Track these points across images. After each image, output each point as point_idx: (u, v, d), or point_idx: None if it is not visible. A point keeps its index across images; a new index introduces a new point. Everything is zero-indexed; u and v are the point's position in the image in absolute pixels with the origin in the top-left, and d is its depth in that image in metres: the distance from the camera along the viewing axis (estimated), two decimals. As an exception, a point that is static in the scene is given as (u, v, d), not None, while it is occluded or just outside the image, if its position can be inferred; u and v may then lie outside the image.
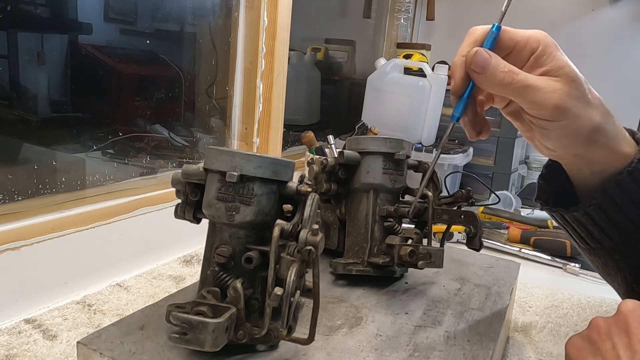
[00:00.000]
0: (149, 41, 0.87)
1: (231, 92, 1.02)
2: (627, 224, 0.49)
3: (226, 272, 0.41)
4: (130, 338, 0.41)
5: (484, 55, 0.43)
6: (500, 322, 0.50)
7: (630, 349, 0.36)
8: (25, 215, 0.66)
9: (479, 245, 0.57)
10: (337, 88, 1.67)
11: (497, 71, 0.43)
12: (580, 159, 0.49)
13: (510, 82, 0.43)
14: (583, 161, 0.49)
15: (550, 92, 0.43)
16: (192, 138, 1.00)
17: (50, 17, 0.73)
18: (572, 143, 0.46)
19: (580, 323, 0.71)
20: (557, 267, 0.95)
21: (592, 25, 1.54)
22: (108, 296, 0.69)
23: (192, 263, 0.83)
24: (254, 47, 0.99)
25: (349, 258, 0.57)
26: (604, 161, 0.48)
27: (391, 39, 1.81)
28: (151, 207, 0.80)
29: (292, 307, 0.38)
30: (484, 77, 0.44)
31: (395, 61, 1.36)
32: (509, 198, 1.28)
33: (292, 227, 0.40)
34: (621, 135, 0.48)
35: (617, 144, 0.47)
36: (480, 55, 0.43)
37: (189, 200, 0.44)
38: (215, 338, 0.35)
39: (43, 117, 0.74)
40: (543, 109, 0.44)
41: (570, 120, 0.44)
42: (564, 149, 0.47)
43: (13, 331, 0.59)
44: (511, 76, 0.43)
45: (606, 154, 0.47)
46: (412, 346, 0.44)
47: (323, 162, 0.56)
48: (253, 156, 0.40)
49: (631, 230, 0.50)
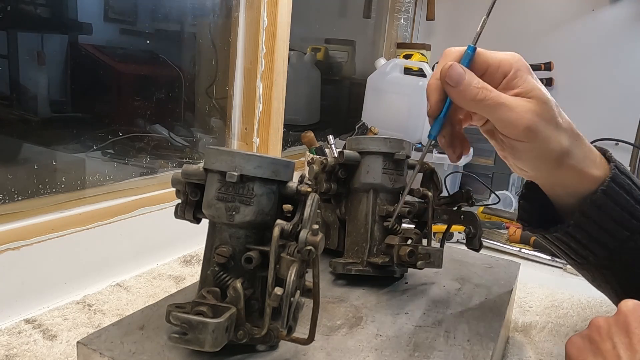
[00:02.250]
0: (149, 41, 0.87)
1: (231, 92, 1.02)
2: (609, 240, 0.50)
3: (226, 272, 0.41)
4: (130, 338, 0.41)
5: (458, 69, 0.44)
6: (500, 322, 0.50)
7: (631, 348, 0.36)
8: (25, 215, 0.66)
9: (478, 246, 0.57)
10: (337, 88, 1.67)
11: (470, 86, 0.44)
12: (552, 180, 0.50)
13: (483, 99, 0.44)
14: (555, 182, 0.50)
15: (522, 112, 0.44)
16: (192, 138, 1.00)
17: (50, 17, 0.73)
18: (542, 165, 0.47)
19: (580, 323, 0.71)
20: (557, 267, 0.95)
21: (592, 25, 1.54)
22: (108, 296, 0.69)
23: (192, 263, 0.83)
24: (254, 47, 0.99)
25: (349, 258, 0.57)
26: (575, 183, 0.49)
27: (391, 39, 1.81)
28: (151, 207, 0.80)
29: (292, 307, 0.38)
30: (458, 92, 0.44)
31: (395, 61, 1.36)
32: (509, 198, 1.28)
33: (292, 227, 0.40)
34: (590, 158, 0.49)
35: (586, 167, 0.48)
36: (454, 69, 0.44)
37: (189, 200, 0.44)
38: (215, 338, 0.35)
39: (43, 117, 0.74)
40: (514, 129, 0.44)
41: (539, 142, 0.45)
42: (534, 170, 0.48)
43: (13, 331, 0.59)
44: (484, 93, 0.44)
45: (575, 176, 0.48)
46: (412, 346, 0.44)
47: (323, 162, 0.56)
48: (253, 156, 0.40)
49: (615, 246, 0.50)
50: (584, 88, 1.53)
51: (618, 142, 1.44)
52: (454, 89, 0.44)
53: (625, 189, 0.49)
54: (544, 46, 1.57)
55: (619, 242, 0.50)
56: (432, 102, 0.47)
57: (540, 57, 1.54)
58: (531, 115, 0.43)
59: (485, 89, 0.44)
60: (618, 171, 0.49)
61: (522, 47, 1.60)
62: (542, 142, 0.45)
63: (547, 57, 1.53)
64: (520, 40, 1.59)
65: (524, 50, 1.83)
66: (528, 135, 0.44)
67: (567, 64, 1.54)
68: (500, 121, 0.44)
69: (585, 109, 1.53)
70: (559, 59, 1.54)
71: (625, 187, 0.49)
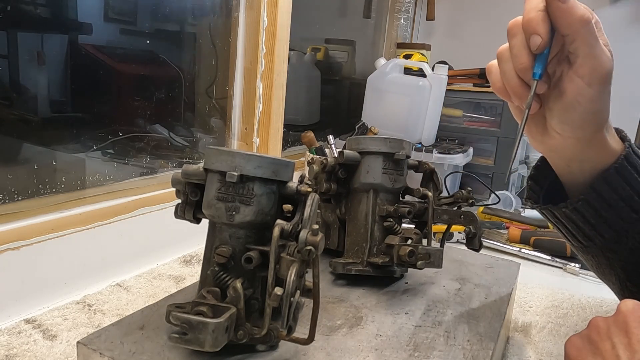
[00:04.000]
0: (149, 41, 0.87)
1: (231, 92, 1.02)
2: (617, 221, 0.50)
3: (226, 272, 0.41)
4: (130, 338, 0.41)
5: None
6: (500, 322, 0.50)
7: (630, 348, 0.36)
8: (25, 215, 0.66)
9: (478, 246, 0.57)
10: (337, 88, 1.67)
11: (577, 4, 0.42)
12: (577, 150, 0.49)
13: (588, 21, 0.42)
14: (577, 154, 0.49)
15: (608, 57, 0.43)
16: (192, 138, 1.00)
17: (50, 17, 0.73)
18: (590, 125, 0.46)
19: (580, 323, 0.71)
20: (557, 267, 0.95)
21: (592, 25, 1.54)
22: (108, 296, 0.69)
23: (192, 263, 0.83)
24: (254, 47, 0.99)
25: (349, 258, 0.57)
26: (594, 156, 0.49)
27: (391, 39, 1.81)
28: (151, 207, 0.80)
29: (292, 307, 0.38)
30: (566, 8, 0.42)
31: (395, 61, 1.36)
32: (509, 198, 1.28)
33: (292, 227, 0.40)
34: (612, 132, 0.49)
35: (610, 139, 0.48)
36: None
37: (189, 200, 0.44)
38: (215, 338, 0.35)
39: (43, 117, 0.74)
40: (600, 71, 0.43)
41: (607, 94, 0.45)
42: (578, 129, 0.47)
43: (13, 331, 0.59)
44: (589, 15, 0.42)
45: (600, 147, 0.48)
46: (412, 346, 0.44)
47: (323, 162, 0.56)
48: (253, 156, 0.40)
49: (622, 227, 0.51)
50: (583, 88, 1.53)
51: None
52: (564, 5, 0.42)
53: (638, 169, 0.49)
54: (544, 46, 1.57)
55: (626, 224, 0.50)
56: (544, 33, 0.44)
57: (540, 57, 1.54)
58: (612, 64, 0.44)
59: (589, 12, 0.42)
60: (632, 151, 0.49)
61: (522, 47, 1.60)
62: (608, 94, 0.45)
63: (547, 57, 1.53)
64: (520, 40, 1.59)
65: (524, 50, 1.77)
66: (607, 81, 0.44)
67: (567, 64, 1.54)
68: (592, 57, 0.43)
69: (585, 109, 1.53)
70: (559, 59, 1.54)
71: (637, 167, 0.49)
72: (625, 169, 0.48)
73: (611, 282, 0.59)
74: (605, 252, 0.54)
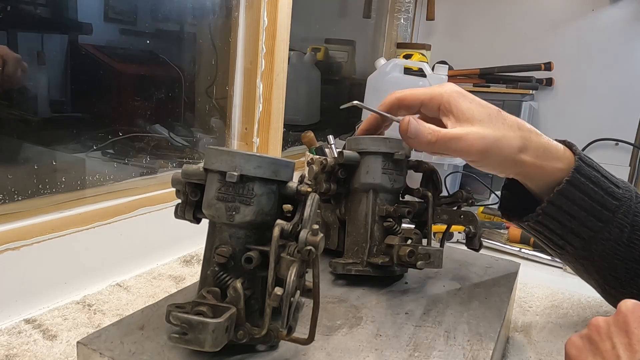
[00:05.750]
0: (149, 41, 0.87)
1: (231, 92, 1.02)
2: (583, 230, 0.52)
3: (226, 272, 0.41)
4: (130, 338, 0.41)
5: (414, 123, 0.51)
6: (500, 322, 0.50)
7: (630, 348, 0.36)
8: (25, 215, 0.66)
9: (478, 246, 0.57)
10: (337, 88, 1.67)
11: (424, 134, 0.50)
12: (520, 177, 0.54)
13: (436, 140, 0.50)
14: (523, 177, 0.54)
15: (471, 139, 0.49)
16: (192, 138, 1.00)
17: (50, 17, 0.73)
18: (503, 168, 0.52)
19: (580, 323, 0.71)
20: (557, 267, 0.95)
21: (592, 25, 1.54)
22: (108, 296, 0.69)
23: (192, 263, 0.83)
24: (254, 47, 0.99)
25: (349, 258, 0.57)
26: (539, 177, 0.52)
27: (391, 39, 1.81)
28: (151, 207, 0.80)
29: (292, 307, 0.38)
30: (416, 141, 0.51)
31: (395, 61, 1.36)
32: (509, 198, 1.28)
33: (292, 227, 0.40)
34: (550, 151, 0.52)
35: (546, 161, 0.51)
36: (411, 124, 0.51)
37: (189, 200, 0.44)
38: (215, 338, 0.35)
39: (43, 117, 0.74)
40: (470, 156, 0.50)
41: (493, 157, 0.50)
42: (499, 173, 0.54)
43: (13, 331, 0.59)
44: (435, 134, 0.50)
45: (538, 170, 0.52)
46: (412, 346, 0.44)
47: (323, 162, 0.56)
48: (253, 156, 0.40)
49: (589, 236, 0.52)
50: (583, 88, 1.53)
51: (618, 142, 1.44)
52: (413, 140, 0.51)
53: (592, 180, 0.51)
54: (544, 46, 1.57)
55: (593, 232, 0.52)
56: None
57: (540, 57, 1.54)
58: (479, 139, 0.48)
59: (435, 131, 0.50)
60: (582, 163, 0.51)
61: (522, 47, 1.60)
62: (495, 155, 0.49)
63: (547, 57, 1.53)
64: (520, 40, 1.59)
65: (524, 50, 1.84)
66: (482, 156, 0.50)
67: (567, 64, 1.54)
68: (456, 152, 0.50)
69: (585, 109, 1.53)
70: (559, 59, 1.54)
71: (591, 178, 0.51)
72: (578, 181, 0.51)
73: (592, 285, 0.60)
74: (578, 259, 0.56)
